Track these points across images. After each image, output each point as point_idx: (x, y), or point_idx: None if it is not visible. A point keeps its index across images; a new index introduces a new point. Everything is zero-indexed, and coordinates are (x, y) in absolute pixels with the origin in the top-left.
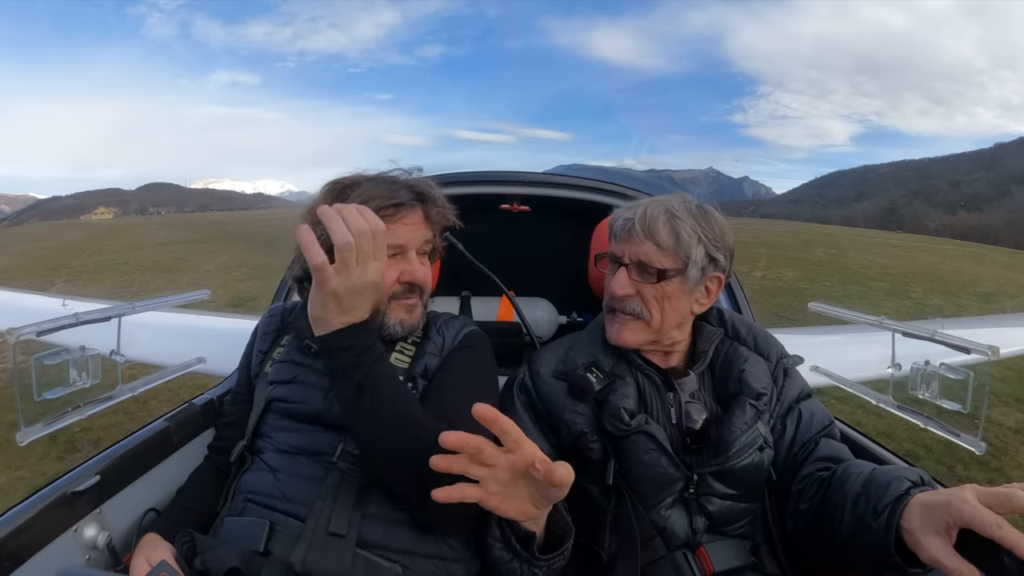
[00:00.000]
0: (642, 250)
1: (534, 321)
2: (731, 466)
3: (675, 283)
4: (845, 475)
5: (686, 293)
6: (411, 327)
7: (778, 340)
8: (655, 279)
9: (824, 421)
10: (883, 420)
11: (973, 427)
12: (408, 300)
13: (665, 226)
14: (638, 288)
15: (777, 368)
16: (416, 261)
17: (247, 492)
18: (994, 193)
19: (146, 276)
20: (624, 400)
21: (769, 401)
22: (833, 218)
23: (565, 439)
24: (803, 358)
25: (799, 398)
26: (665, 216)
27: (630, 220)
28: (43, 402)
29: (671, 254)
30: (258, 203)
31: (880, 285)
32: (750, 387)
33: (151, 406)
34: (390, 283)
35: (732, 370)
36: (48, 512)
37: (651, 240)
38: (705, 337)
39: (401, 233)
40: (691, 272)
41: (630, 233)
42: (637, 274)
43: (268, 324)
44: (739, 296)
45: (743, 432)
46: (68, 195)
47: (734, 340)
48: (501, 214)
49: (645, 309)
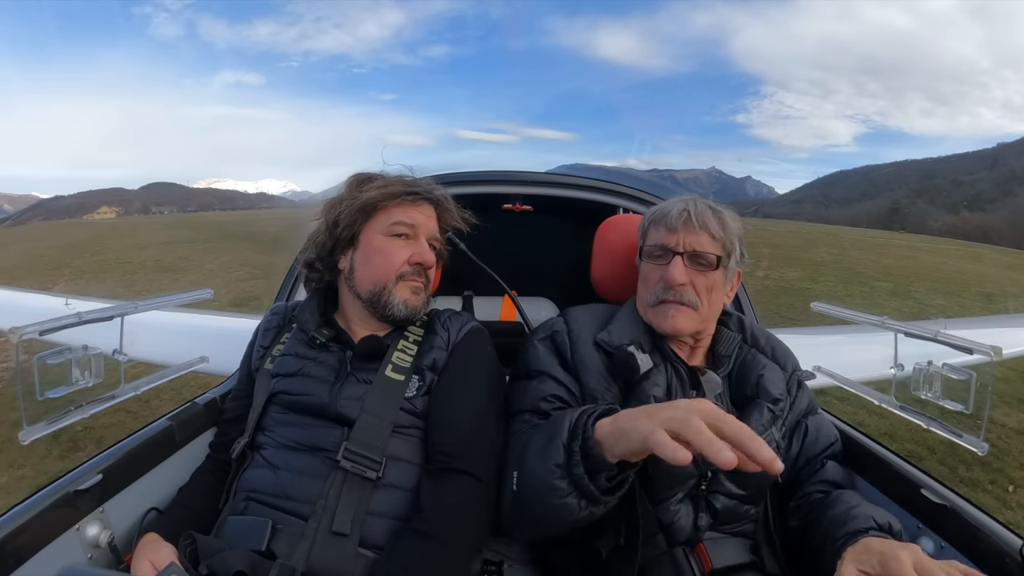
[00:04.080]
0: (697, 240)
1: (536, 321)
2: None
3: (720, 274)
4: (833, 502)
5: (723, 285)
6: (414, 310)
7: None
8: (713, 267)
9: (830, 438)
10: (885, 420)
11: (975, 428)
12: (415, 282)
13: (714, 218)
14: (691, 278)
15: (792, 379)
16: (426, 245)
17: (248, 490)
18: (997, 193)
19: (149, 275)
20: (655, 388)
21: (784, 409)
22: (836, 218)
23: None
24: (815, 374)
25: (807, 412)
26: (709, 209)
27: (685, 211)
28: (45, 401)
29: (720, 244)
30: (261, 203)
31: (883, 285)
32: (768, 392)
33: (153, 405)
34: (400, 263)
35: (751, 375)
36: (50, 511)
37: (705, 230)
38: (725, 341)
39: (416, 216)
40: (731, 263)
41: (686, 224)
42: (691, 263)
43: (270, 321)
44: (742, 296)
45: (760, 433)
46: (71, 195)
47: (752, 347)
48: (504, 214)
49: (697, 298)
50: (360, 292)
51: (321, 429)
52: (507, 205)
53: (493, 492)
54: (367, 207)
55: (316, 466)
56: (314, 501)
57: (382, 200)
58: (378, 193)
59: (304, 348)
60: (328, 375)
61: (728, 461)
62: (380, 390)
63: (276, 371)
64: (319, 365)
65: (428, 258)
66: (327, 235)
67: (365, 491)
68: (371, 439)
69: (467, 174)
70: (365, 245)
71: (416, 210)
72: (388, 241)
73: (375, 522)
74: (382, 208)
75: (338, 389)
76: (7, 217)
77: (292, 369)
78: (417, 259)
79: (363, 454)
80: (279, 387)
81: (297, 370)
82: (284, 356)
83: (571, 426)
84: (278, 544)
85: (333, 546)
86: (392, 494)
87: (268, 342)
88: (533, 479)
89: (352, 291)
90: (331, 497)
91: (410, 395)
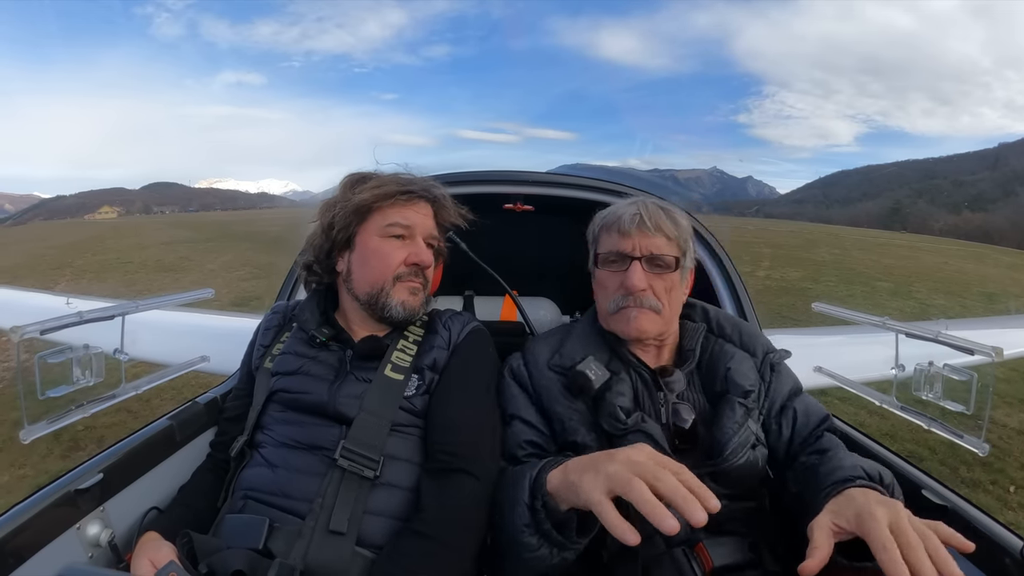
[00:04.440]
0: (653, 242)
1: (537, 321)
2: (727, 467)
3: (678, 274)
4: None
5: (680, 283)
6: (411, 311)
7: (764, 335)
8: (671, 269)
9: (820, 415)
10: (886, 421)
11: (976, 428)
12: (413, 282)
13: (667, 218)
14: (650, 282)
15: (764, 364)
16: (423, 244)
17: (246, 488)
18: (998, 193)
19: (150, 275)
20: (620, 398)
21: (758, 397)
22: (837, 218)
23: (558, 433)
24: (790, 352)
25: (791, 395)
26: (661, 210)
27: (637, 215)
28: (47, 400)
29: (676, 244)
30: (262, 203)
31: (884, 285)
32: (737, 385)
33: (154, 404)
34: (396, 264)
35: (719, 368)
36: (51, 510)
37: (660, 232)
38: (689, 334)
39: (411, 216)
40: (687, 262)
41: (640, 228)
42: (649, 267)
43: (270, 320)
44: (742, 296)
45: (735, 432)
46: (72, 194)
47: (719, 337)
48: (504, 214)
49: (658, 302)
50: (358, 294)
51: (320, 427)
52: (508, 205)
53: (493, 492)
54: (361, 209)
55: (314, 464)
56: (311, 499)
57: (375, 201)
58: (371, 194)
59: (304, 347)
60: (328, 374)
61: (671, 528)
62: (379, 389)
63: (276, 369)
64: (319, 364)
65: (425, 258)
66: (323, 237)
67: (363, 490)
68: (369, 438)
69: (468, 174)
70: (361, 247)
71: (411, 209)
72: (384, 242)
73: (373, 521)
74: (377, 209)
75: (337, 388)
76: (9, 217)
77: (292, 367)
78: (414, 260)
79: (361, 453)
80: (279, 385)
81: (297, 368)
82: (284, 355)
83: (531, 484)
84: (275, 542)
85: (330, 545)
86: (390, 493)
87: (268, 341)
88: (504, 534)
89: (350, 293)
90: (328, 495)
91: (409, 394)
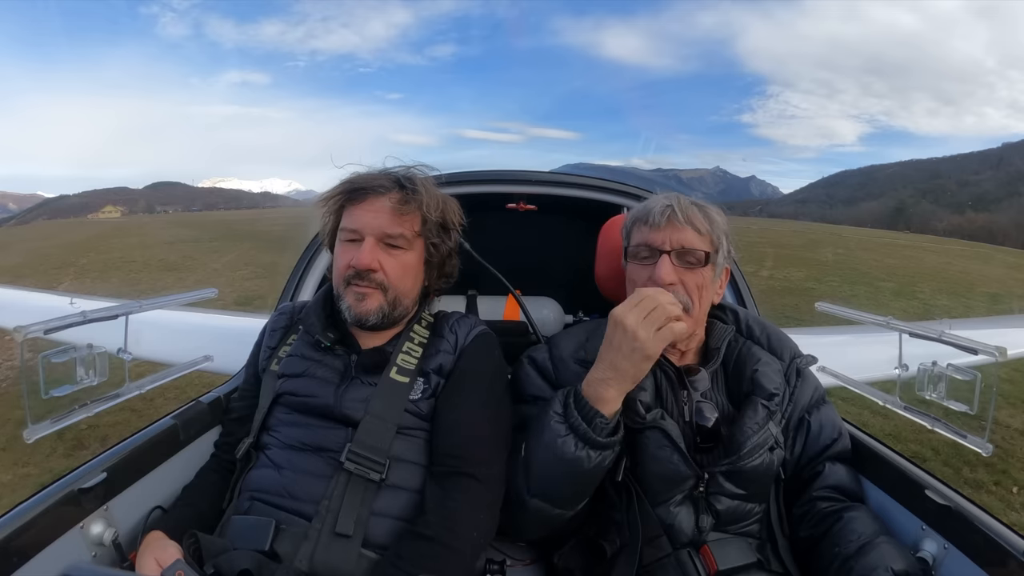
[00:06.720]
0: (684, 236)
1: (540, 320)
2: (742, 466)
3: (709, 270)
4: (844, 531)
5: (713, 282)
6: (361, 316)
7: (792, 340)
8: (701, 264)
9: (832, 435)
10: (890, 421)
11: (980, 429)
12: (357, 287)
13: (699, 212)
14: (680, 276)
15: (790, 368)
16: (367, 248)
17: (252, 490)
18: (1002, 193)
19: (153, 274)
20: (641, 393)
21: (781, 401)
22: (840, 218)
23: None
24: (816, 358)
25: (811, 405)
26: (694, 205)
27: (668, 207)
28: (50, 399)
29: (707, 239)
30: (265, 202)
31: (887, 285)
32: (762, 387)
33: (158, 404)
34: (342, 268)
35: (745, 369)
36: (55, 509)
37: (690, 225)
38: (717, 334)
39: (360, 218)
40: (719, 259)
41: (670, 220)
42: (679, 261)
43: (277, 321)
44: (746, 295)
45: (755, 432)
46: (76, 194)
47: (747, 339)
48: (508, 213)
49: (688, 298)
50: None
51: (326, 430)
52: (511, 204)
53: (498, 497)
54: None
55: (320, 467)
56: (318, 501)
57: (327, 209)
58: (324, 202)
59: (310, 350)
60: (333, 377)
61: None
62: (384, 392)
63: (282, 372)
64: (325, 367)
65: (361, 261)
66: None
67: (369, 492)
68: (375, 441)
69: (471, 173)
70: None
71: (360, 209)
72: (340, 247)
73: (379, 523)
74: (344, 211)
75: (343, 391)
76: (12, 216)
77: (298, 370)
78: (352, 263)
79: (367, 455)
80: (285, 388)
81: (303, 371)
82: (290, 357)
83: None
84: (281, 544)
85: (336, 547)
86: (396, 495)
87: (275, 343)
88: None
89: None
90: (335, 498)
91: (415, 397)
